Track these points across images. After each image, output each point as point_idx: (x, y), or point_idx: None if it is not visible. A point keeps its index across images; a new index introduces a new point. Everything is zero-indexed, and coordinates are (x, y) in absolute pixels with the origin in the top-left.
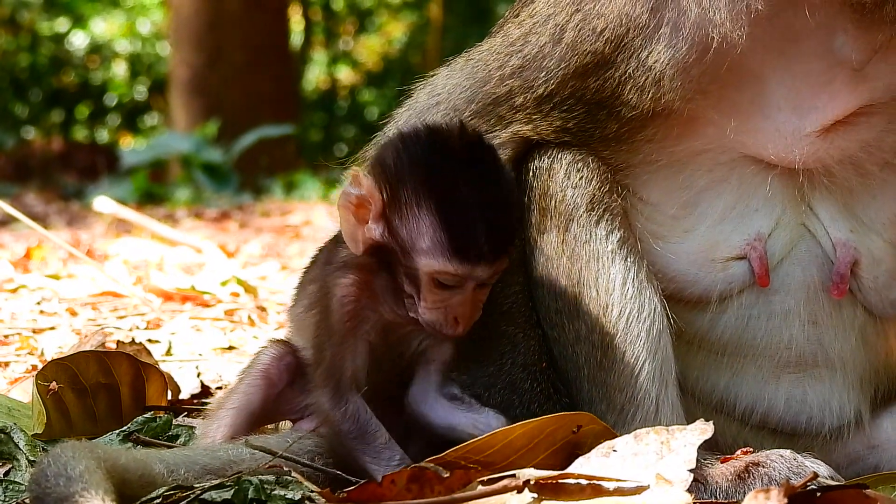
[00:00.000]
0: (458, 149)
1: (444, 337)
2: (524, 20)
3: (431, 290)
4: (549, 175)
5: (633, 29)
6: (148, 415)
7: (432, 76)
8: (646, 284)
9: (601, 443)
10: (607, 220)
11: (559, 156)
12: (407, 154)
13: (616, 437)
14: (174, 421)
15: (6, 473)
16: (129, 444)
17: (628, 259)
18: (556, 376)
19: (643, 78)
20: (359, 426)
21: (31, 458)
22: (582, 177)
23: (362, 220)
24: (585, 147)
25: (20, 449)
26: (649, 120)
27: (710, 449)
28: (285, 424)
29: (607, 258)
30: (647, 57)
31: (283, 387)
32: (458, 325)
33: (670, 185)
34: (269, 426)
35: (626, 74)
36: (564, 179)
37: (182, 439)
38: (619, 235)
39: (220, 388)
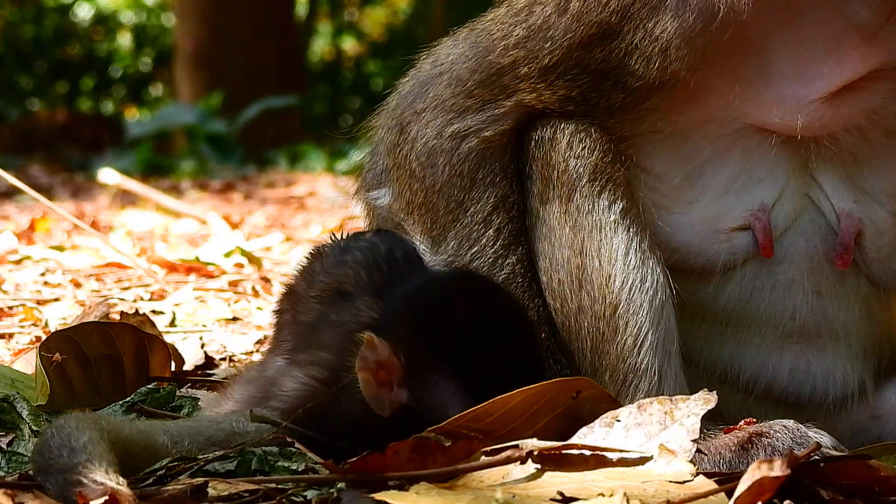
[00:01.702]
0: (473, 306)
1: None
2: None
3: None
4: (552, 145)
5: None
6: (151, 385)
7: (436, 46)
8: (649, 255)
9: (600, 407)
10: (610, 191)
11: (562, 126)
12: (421, 319)
13: (614, 400)
14: (178, 392)
15: (9, 444)
16: (133, 415)
17: (631, 229)
18: (557, 348)
19: (650, 48)
20: None
21: (35, 428)
22: (584, 147)
23: (384, 384)
24: (589, 117)
25: (23, 418)
26: (654, 90)
27: (713, 419)
28: None
29: (610, 228)
30: (654, 27)
31: None
32: None
33: (674, 156)
34: None
35: (633, 45)
36: (567, 149)
37: (186, 410)
38: (621, 206)
39: (223, 359)
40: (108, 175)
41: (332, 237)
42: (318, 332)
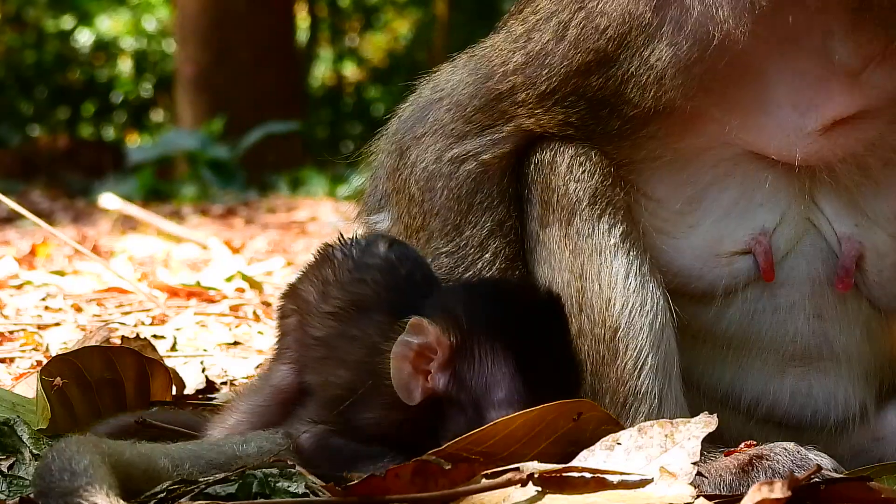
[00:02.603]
0: (526, 300)
1: None
2: (527, 16)
3: None
4: (552, 169)
5: (637, 27)
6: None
7: (436, 72)
8: (649, 278)
9: (602, 429)
10: (610, 214)
11: (561, 149)
12: (479, 304)
13: (616, 422)
14: None
15: (10, 467)
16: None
17: (631, 253)
18: None
19: (645, 76)
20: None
21: (35, 452)
22: (584, 170)
23: (421, 371)
24: (588, 141)
25: (24, 442)
26: (651, 117)
27: (714, 442)
28: None
29: (610, 252)
30: (650, 55)
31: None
32: None
33: (674, 181)
34: None
35: (629, 72)
36: (567, 173)
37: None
38: (621, 229)
39: (224, 383)
40: (109, 200)
41: (342, 241)
42: (334, 348)
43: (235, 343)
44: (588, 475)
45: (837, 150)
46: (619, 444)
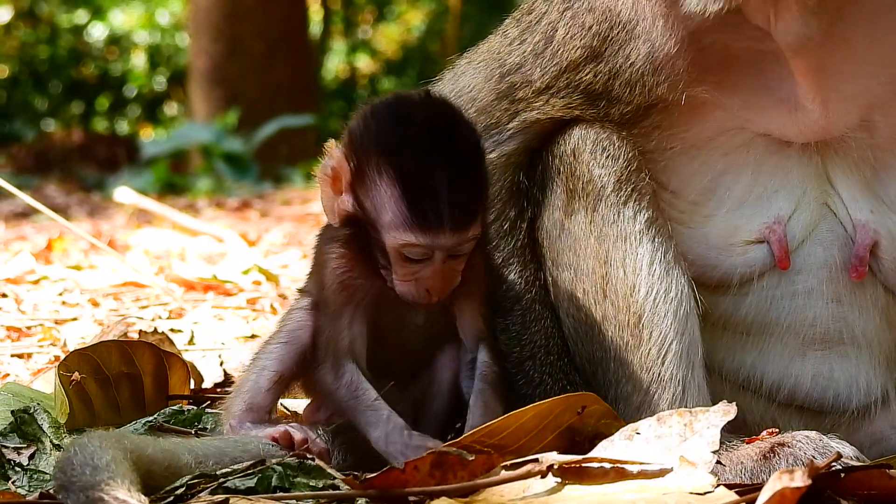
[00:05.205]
0: (422, 120)
1: (419, 307)
2: (522, 17)
3: (400, 262)
4: (575, 156)
5: (617, 24)
6: (175, 407)
7: (438, 83)
8: (673, 265)
9: (602, 423)
10: (635, 200)
11: (584, 135)
12: (373, 125)
13: (616, 416)
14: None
15: (31, 456)
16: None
17: (656, 239)
18: (571, 366)
19: (627, 73)
20: (352, 391)
21: (56, 442)
22: (608, 155)
23: (337, 191)
24: (608, 126)
25: (44, 431)
26: (649, 110)
27: (736, 427)
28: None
29: (635, 238)
30: (631, 52)
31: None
32: (431, 296)
33: (688, 171)
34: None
35: (615, 70)
36: (591, 159)
37: (207, 428)
38: (647, 215)
39: None
40: (124, 194)
41: None
42: None
43: (253, 336)
44: (607, 465)
45: (841, 123)
46: (638, 433)
